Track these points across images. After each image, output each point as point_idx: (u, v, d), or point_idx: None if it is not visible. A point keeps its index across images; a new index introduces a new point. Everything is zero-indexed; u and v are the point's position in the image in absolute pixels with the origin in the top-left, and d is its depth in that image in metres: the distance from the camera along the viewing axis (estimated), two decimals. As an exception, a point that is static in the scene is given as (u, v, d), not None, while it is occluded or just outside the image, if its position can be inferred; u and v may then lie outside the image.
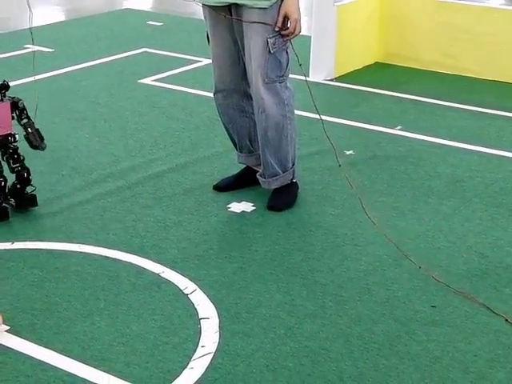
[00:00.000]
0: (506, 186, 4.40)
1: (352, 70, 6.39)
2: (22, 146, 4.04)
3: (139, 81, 6.14)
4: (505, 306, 3.29)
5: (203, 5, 3.94)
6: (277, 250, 3.71)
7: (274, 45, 3.82)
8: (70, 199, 4.17)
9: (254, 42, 3.83)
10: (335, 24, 6.08)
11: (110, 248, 3.70)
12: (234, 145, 4.27)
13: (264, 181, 4.14)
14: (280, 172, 4.08)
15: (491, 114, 5.54)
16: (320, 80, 6.13)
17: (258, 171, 4.25)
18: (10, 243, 3.73)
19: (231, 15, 3.87)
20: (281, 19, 3.79)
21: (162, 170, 4.54)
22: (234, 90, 4.07)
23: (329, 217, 4.03)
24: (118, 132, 5.07)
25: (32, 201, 4.03)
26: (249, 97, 4.06)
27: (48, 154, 4.71)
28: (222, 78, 4.06)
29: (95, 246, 3.72)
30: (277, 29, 3.80)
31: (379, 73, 6.42)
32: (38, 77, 6.16)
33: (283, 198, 4.11)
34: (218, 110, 4.19)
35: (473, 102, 5.74)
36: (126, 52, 6.89)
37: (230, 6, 3.87)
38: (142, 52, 6.96)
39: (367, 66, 6.53)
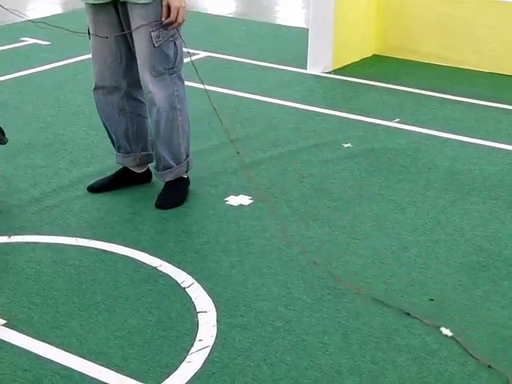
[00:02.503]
0: (503, 179, 4.39)
1: (350, 62, 6.37)
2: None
3: (136, 74, 6.11)
4: (503, 299, 3.29)
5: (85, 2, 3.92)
6: (274, 243, 3.71)
7: (158, 38, 3.79)
8: (67, 192, 4.16)
9: (139, 37, 3.81)
10: (333, 16, 6.06)
11: (107, 241, 3.69)
12: (113, 143, 4.21)
13: (158, 173, 4.11)
14: (174, 165, 4.04)
15: (489, 106, 5.53)
16: (318, 72, 6.12)
17: (135, 172, 4.21)
18: (6, 237, 3.72)
19: (117, 11, 3.84)
20: (164, 9, 3.74)
21: (159, 163, 4.53)
22: (115, 87, 4.01)
23: (327, 210, 4.02)
24: (115, 125, 5.05)
25: None
26: (130, 96, 4.03)
27: (45, 147, 4.71)
28: (103, 75, 3.99)
29: (92, 239, 3.71)
30: (163, 19, 3.75)
31: (377, 65, 6.40)
32: (34, 70, 6.17)
33: (171, 197, 4.06)
34: (97, 107, 4.11)
35: (471, 94, 5.73)
36: (123, 45, 6.86)
37: (114, 2, 3.83)
38: (139, 45, 6.93)
39: (365, 58, 6.51)
